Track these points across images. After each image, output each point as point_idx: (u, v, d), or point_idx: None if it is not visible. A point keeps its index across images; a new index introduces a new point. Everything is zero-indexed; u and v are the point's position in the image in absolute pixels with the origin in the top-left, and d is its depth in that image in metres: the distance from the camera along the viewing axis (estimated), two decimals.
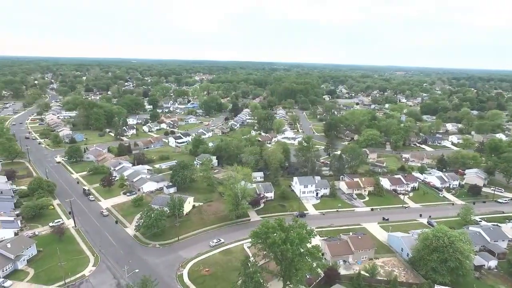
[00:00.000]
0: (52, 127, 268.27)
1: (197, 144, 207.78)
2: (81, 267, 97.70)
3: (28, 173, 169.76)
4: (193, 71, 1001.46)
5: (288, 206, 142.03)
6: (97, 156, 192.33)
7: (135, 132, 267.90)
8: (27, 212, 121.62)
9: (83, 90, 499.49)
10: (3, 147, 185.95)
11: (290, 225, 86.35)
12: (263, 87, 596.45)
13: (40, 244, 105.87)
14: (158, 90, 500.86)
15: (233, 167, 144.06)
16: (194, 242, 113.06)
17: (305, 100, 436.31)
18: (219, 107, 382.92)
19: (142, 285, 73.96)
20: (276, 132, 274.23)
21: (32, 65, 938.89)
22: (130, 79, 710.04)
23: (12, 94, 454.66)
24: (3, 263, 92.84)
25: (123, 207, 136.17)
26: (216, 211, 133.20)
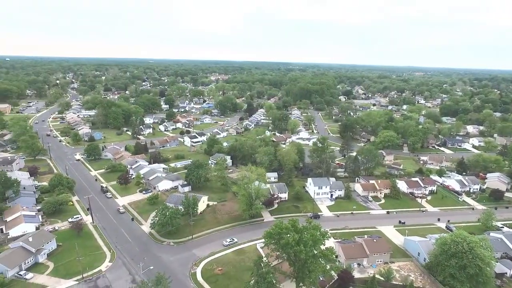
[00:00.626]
0: (72, 126, 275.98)
1: (212, 143, 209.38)
2: (98, 262, 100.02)
3: (49, 170, 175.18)
4: (209, 71, 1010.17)
5: (302, 207, 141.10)
6: (114, 154, 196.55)
7: (152, 131, 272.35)
8: (48, 208, 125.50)
9: (102, 89, 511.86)
10: (27, 144, 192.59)
11: (304, 226, 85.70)
12: (278, 87, 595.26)
13: (59, 239, 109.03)
14: (174, 90, 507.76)
15: (247, 167, 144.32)
16: (207, 241, 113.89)
17: (321, 100, 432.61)
18: (234, 107, 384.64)
19: (157, 282, 74.95)
20: (290, 132, 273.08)
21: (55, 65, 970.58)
22: (147, 79, 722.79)
23: (35, 93, 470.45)
24: (25, 256, 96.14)
25: (139, 205, 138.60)
26: (229, 210, 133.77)
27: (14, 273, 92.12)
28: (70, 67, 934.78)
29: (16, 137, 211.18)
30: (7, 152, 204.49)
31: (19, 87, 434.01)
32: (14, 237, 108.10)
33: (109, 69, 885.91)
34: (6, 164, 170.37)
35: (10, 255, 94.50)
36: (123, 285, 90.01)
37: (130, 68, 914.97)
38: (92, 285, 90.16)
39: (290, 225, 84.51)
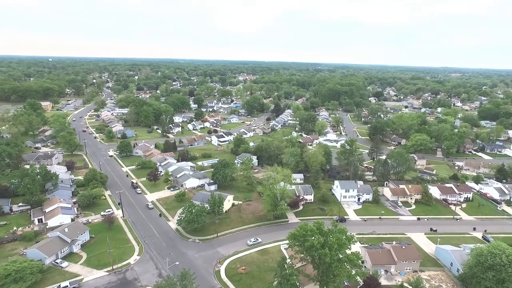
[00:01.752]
0: (107, 123, 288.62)
1: (239, 143, 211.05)
2: (127, 255, 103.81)
3: (85, 165, 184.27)
4: (237, 71, 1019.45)
5: (328, 210, 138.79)
6: (145, 152, 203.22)
7: (181, 130, 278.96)
8: (83, 201, 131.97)
9: (135, 88, 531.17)
10: (65, 140, 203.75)
11: (329, 229, 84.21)
12: (306, 88, 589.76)
13: (92, 231, 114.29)
14: (203, 89, 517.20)
15: (273, 168, 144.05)
16: (232, 240, 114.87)
17: (350, 102, 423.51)
18: (261, 107, 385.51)
19: (182, 278, 76.52)
20: (318, 134, 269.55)
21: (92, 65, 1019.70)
22: (177, 78, 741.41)
23: (74, 91, 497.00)
24: (61, 246, 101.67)
25: (167, 201, 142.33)
26: (254, 210, 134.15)
27: (52, 261, 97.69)
28: (105, 67, 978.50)
29: (56, 133, 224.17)
30: (48, 147, 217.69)
31: (59, 86, 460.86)
32: (52, 227, 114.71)
33: (142, 69, 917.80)
34: (46, 158, 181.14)
35: (48, 244, 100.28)
36: (150, 278, 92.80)
37: (161, 68, 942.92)
38: (121, 277, 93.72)
39: (315, 228, 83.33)
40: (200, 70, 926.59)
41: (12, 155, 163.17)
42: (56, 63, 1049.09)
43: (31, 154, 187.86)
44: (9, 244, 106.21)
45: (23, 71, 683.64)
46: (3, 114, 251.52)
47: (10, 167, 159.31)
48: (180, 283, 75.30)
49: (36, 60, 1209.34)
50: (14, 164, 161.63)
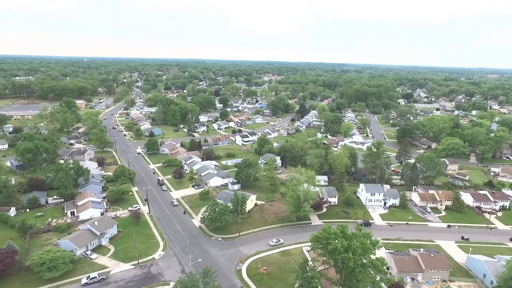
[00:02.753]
0: (135, 121, 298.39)
1: (262, 143, 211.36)
2: (152, 250, 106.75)
3: (114, 161, 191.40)
4: (262, 71, 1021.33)
5: (352, 214, 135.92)
6: (171, 150, 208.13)
7: (206, 129, 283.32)
8: (112, 196, 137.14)
9: (163, 88, 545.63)
10: (97, 137, 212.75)
11: (353, 233, 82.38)
12: (332, 89, 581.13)
13: (120, 225, 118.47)
14: (228, 89, 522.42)
15: (297, 169, 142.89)
16: (254, 240, 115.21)
17: (377, 103, 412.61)
18: (286, 108, 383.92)
19: (204, 275, 77.58)
20: (343, 135, 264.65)
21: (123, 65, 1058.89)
22: (204, 78, 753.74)
23: (106, 90, 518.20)
24: (91, 238, 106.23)
25: (191, 199, 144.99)
26: (277, 211, 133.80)
27: (82, 252, 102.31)
28: (136, 67, 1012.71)
29: (88, 130, 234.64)
30: (81, 144, 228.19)
31: (93, 85, 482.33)
32: (83, 220, 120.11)
33: (170, 69, 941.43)
34: (79, 154, 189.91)
35: (79, 236, 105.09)
36: (173, 274, 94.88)
37: (188, 68, 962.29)
38: (146, 271, 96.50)
39: (339, 231, 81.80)
40: (226, 71, 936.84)
41: (49, 150, 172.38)
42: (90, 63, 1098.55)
43: (65, 150, 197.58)
44: (44, 234, 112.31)
45: (60, 71, 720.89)
46: (41, 111, 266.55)
47: (47, 161, 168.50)
48: (202, 280, 76.40)
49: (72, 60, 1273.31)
50: (50, 159, 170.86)
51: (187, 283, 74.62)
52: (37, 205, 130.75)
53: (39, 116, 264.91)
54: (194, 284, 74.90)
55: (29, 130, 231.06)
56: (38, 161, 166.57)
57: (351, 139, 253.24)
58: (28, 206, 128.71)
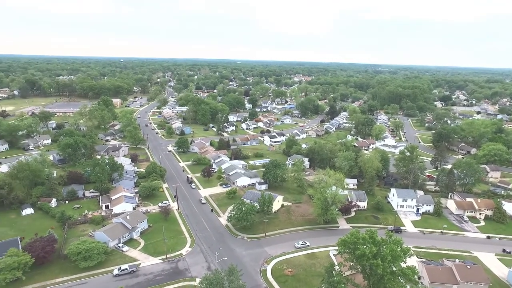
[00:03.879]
0: (167, 120, 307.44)
1: (291, 144, 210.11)
2: (179, 246, 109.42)
3: (146, 158, 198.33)
4: (292, 72, 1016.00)
5: (382, 219, 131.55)
6: (200, 149, 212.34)
7: (235, 128, 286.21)
8: (143, 191, 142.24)
9: (194, 88, 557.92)
10: (131, 134, 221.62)
11: (383, 239, 79.75)
12: (364, 90, 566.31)
13: (150, 220, 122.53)
14: (258, 90, 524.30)
15: (325, 171, 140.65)
16: (280, 241, 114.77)
17: (412, 106, 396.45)
18: (316, 109, 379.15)
19: (229, 273, 78.39)
20: (375, 138, 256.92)
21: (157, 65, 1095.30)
22: (234, 79, 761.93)
23: (140, 90, 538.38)
24: (123, 231, 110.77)
25: (219, 198, 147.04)
26: (304, 213, 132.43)
27: (114, 245, 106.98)
28: (169, 67, 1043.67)
29: (123, 128, 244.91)
30: (116, 140, 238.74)
31: (128, 84, 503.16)
32: (116, 214, 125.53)
33: (201, 69, 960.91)
34: (114, 150, 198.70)
35: (113, 229, 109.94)
36: (200, 270, 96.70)
37: (219, 69, 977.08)
38: (173, 266, 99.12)
39: (368, 236, 79.54)
40: (256, 71, 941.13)
41: (87, 146, 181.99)
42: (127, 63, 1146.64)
43: (102, 146, 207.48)
44: (81, 225, 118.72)
45: (99, 70, 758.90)
46: (81, 109, 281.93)
47: (85, 156, 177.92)
48: (228, 278, 77.20)
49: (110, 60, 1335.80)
50: (88, 154, 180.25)
51: (213, 280, 75.72)
52: (75, 198, 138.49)
53: (79, 113, 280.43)
54: (220, 281, 75.87)
55: (70, 126, 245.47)
56: (77, 156, 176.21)
57: (383, 142, 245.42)
58: (67, 198, 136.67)
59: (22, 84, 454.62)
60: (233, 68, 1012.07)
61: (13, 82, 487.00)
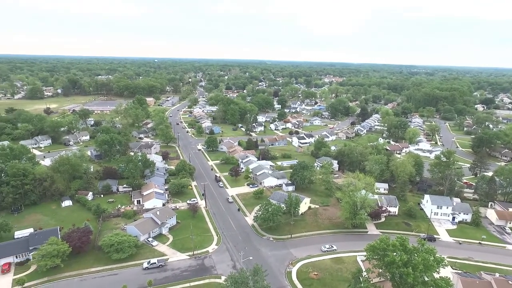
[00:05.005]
0: (197, 119, 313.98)
1: (319, 146, 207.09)
2: (206, 243, 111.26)
3: (177, 156, 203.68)
4: (323, 73, 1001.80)
5: (414, 226, 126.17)
6: (229, 148, 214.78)
7: (263, 129, 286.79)
8: (173, 188, 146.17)
9: (224, 88, 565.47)
10: (162, 132, 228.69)
11: (415, 247, 76.50)
12: (398, 92, 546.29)
13: (178, 217, 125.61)
14: (287, 90, 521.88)
15: (355, 174, 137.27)
16: (306, 243, 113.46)
17: (450, 109, 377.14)
18: (346, 110, 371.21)
19: (254, 273, 78.62)
20: (408, 142, 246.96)
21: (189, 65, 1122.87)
22: (263, 79, 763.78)
23: (172, 89, 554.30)
24: (153, 226, 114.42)
25: (246, 197, 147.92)
26: (331, 216, 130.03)
27: (145, 239, 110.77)
28: (200, 67, 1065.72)
29: (156, 126, 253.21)
30: (148, 138, 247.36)
31: (161, 84, 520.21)
32: (146, 209, 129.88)
33: (232, 69, 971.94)
34: (147, 148, 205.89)
35: (143, 223, 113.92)
36: (225, 268, 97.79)
37: (249, 69, 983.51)
38: (200, 263, 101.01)
39: (398, 243, 76.66)
40: (286, 72, 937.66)
41: (122, 143, 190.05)
42: (160, 63, 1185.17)
43: (135, 143, 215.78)
44: (114, 218, 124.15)
45: (134, 70, 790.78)
46: (117, 107, 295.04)
47: (120, 153, 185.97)
48: (252, 278, 77.47)
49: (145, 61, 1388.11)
50: (123, 151, 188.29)
51: (238, 279, 76.30)
52: (109, 192, 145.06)
53: (115, 111, 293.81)
54: (244, 281, 76.30)
55: (107, 124, 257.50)
56: (112, 152, 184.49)
57: (417, 146, 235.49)
58: (102, 192, 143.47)
59: (65, 83, 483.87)
60: (263, 69, 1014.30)
61: (57, 81, 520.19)
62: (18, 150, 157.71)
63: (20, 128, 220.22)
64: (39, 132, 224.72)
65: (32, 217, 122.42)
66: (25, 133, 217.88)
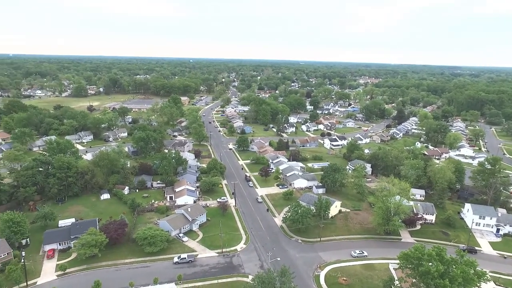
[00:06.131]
0: (229, 119, 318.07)
1: (352, 149, 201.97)
2: (235, 242, 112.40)
3: (208, 155, 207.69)
4: (358, 74, 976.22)
5: (453, 236, 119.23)
6: (259, 148, 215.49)
7: (294, 130, 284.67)
8: (204, 186, 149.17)
9: (256, 88, 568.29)
10: (196, 131, 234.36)
11: (453, 259, 72.36)
12: (438, 94, 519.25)
13: (208, 214, 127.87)
14: (320, 91, 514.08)
15: (389, 179, 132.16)
16: (335, 247, 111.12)
17: (497, 112, 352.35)
18: (382, 113, 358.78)
19: (281, 274, 78.27)
20: (448, 147, 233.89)
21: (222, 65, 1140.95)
22: (296, 80, 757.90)
23: (206, 89, 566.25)
24: (184, 222, 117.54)
25: (275, 198, 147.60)
26: (362, 221, 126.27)
27: (176, 234, 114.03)
28: (233, 68, 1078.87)
29: (189, 125, 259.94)
30: (182, 136, 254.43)
31: (196, 84, 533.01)
32: (178, 205, 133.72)
33: (264, 69, 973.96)
34: (180, 145, 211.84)
35: (175, 219, 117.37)
36: (252, 268, 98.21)
37: (282, 70, 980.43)
38: (228, 261, 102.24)
39: (435, 253, 72.95)
40: (320, 72, 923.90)
41: (157, 140, 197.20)
42: (195, 63, 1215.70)
43: (169, 141, 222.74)
44: (148, 213, 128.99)
45: (171, 70, 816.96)
46: (153, 106, 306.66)
47: (155, 150, 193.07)
48: (280, 279, 77.14)
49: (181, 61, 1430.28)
50: (157, 148, 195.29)
51: (265, 279, 76.32)
52: (144, 187, 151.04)
53: (151, 109, 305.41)
54: (271, 281, 76.17)
55: (143, 121, 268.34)
56: (148, 149, 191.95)
57: (458, 152, 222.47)
58: (137, 187, 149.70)
59: (106, 82, 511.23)
60: (296, 69, 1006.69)
61: (99, 80, 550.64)
62: (63, 145, 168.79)
63: (66, 124, 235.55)
64: (82, 128, 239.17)
65: (74, 208, 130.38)
66: (70, 128, 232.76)
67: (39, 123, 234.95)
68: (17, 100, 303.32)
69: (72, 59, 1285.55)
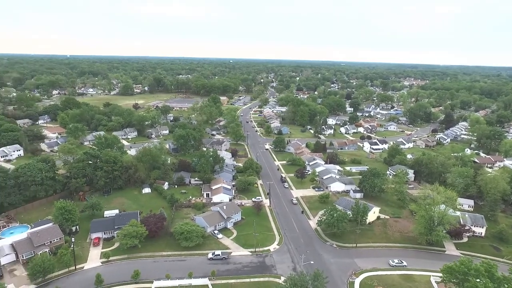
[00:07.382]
0: (267, 119, 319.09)
1: (394, 153, 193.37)
2: (268, 242, 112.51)
3: (245, 154, 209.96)
4: (402, 75, 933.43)
5: (506, 252, 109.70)
6: (296, 149, 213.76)
7: (332, 132, 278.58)
8: (239, 185, 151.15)
9: (295, 89, 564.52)
10: (233, 130, 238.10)
11: (505, 277, 66.67)
12: (493, 97, 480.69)
13: (243, 213, 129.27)
14: (361, 93, 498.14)
15: (433, 186, 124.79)
16: (372, 255, 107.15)
17: None
18: (427, 116, 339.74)
19: (314, 278, 77.14)
20: (503, 155, 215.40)
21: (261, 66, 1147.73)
22: (336, 81, 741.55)
23: (245, 89, 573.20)
24: (219, 219, 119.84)
25: (310, 200, 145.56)
26: (402, 229, 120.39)
27: (211, 231, 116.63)
28: (272, 68, 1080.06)
29: (227, 124, 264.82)
30: (220, 135, 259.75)
31: (235, 84, 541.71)
32: (214, 202, 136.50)
33: (304, 70, 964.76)
34: (218, 144, 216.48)
35: (211, 216, 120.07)
36: (285, 269, 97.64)
37: (322, 70, 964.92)
38: (261, 260, 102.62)
39: (483, 269, 67.74)
40: (361, 73, 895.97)
41: (196, 138, 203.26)
42: (235, 64, 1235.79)
43: (208, 139, 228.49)
44: (185, 209, 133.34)
45: (211, 70, 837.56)
46: (194, 105, 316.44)
47: (193, 148, 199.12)
48: (312, 283, 76.10)
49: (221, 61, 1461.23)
50: (196, 146, 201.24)
51: (297, 282, 75.70)
52: (182, 183, 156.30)
53: (192, 108, 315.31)
54: (304, 284, 75.38)
55: (184, 120, 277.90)
56: (187, 146, 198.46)
57: None
58: (176, 183, 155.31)
59: (151, 82, 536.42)
60: (336, 70, 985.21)
61: (145, 79, 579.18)
62: (111, 140, 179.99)
63: (113, 121, 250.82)
64: (128, 125, 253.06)
65: (118, 200, 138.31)
66: (117, 125, 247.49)
67: (90, 119, 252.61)
68: (72, 98, 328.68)
69: (120, 59, 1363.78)
